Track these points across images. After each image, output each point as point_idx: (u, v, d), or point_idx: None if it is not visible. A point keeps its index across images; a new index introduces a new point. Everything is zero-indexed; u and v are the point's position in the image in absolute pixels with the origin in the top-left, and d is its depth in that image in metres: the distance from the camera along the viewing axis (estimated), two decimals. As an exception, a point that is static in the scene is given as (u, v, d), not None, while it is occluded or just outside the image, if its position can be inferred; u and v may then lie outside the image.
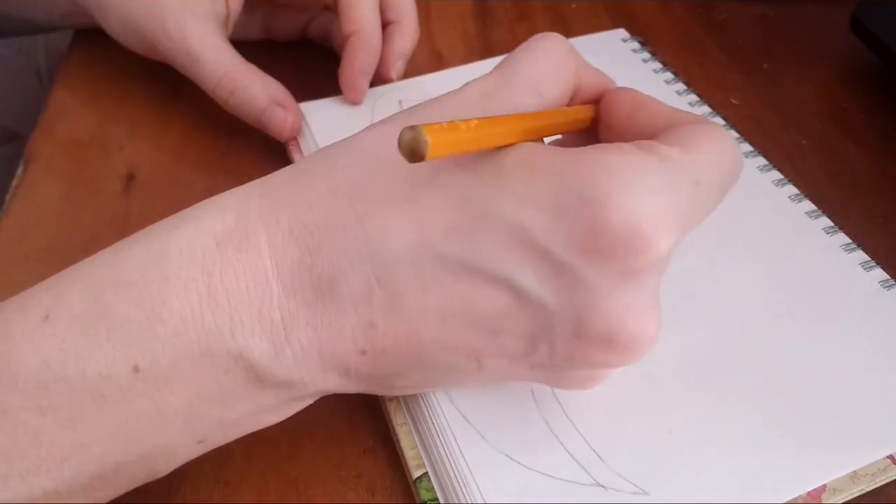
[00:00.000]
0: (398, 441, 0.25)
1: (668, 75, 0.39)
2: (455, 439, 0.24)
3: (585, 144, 0.22)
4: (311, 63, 0.42)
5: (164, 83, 0.40)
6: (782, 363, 0.26)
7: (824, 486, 0.24)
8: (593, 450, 0.24)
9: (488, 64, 0.31)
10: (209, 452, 0.26)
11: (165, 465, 0.22)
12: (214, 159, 0.37)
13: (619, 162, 0.20)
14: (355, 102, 0.37)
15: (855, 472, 0.24)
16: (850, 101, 0.41)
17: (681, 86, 0.39)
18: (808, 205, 0.32)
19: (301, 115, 0.37)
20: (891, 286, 0.29)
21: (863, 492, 0.24)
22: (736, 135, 0.36)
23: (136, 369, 0.19)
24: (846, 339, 0.27)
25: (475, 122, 0.19)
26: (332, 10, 0.38)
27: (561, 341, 0.21)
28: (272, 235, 0.20)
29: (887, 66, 0.39)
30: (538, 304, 0.20)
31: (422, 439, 0.25)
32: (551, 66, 0.24)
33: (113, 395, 0.19)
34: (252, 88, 0.35)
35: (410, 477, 0.25)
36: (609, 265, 0.19)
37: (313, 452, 0.26)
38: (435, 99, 0.23)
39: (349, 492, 0.25)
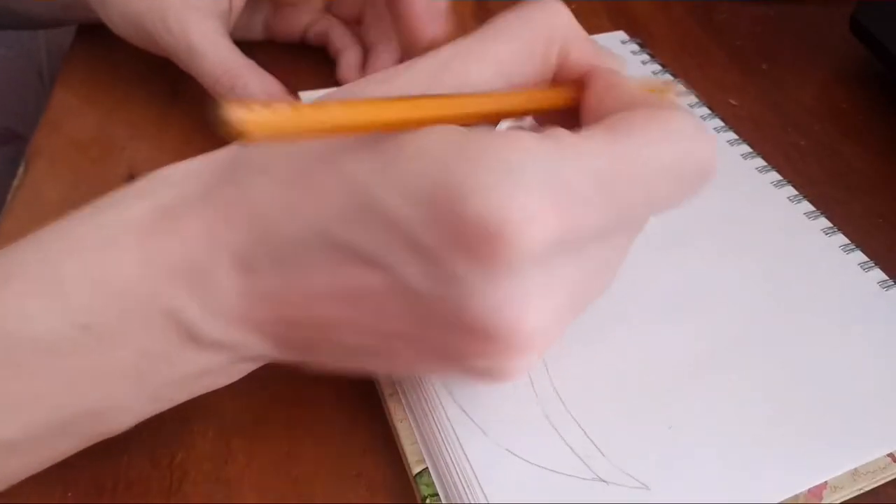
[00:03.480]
0: (398, 437, 0.25)
1: (667, 77, 0.39)
2: (455, 434, 0.24)
3: (567, 126, 0.20)
4: (310, 63, 0.42)
5: (165, 83, 0.40)
6: (782, 362, 0.27)
7: (825, 483, 0.24)
8: (594, 444, 0.24)
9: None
10: (209, 452, 0.26)
11: (121, 423, 0.23)
12: (215, 159, 0.37)
13: (496, 147, 0.18)
14: (433, 34, 0.33)
15: (856, 469, 0.24)
16: (849, 102, 0.41)
17: (680, 88, 0.39)
18: (806, 206, 0.32)
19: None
20: (889, 287, 0.29)
21: (863, 490, 0.24)
22: (735, 136, 0.36)
23: (82, 326, 0.21)
24: (845, 339, 0.27)
25: (308, 107, 0.17)
26: (332, 13, 0.38)
27: (447, 331, 0.20)
28: (203, 210, 0.22)
29: (886, 67, 0.40)
30: (417, 294, 0.20)
31: (422, 435, 0.25)
32: (521, 42, 0.23)
33: (62, 350, 0.21)
34: (251, 86, 0.35)
35: (410, 473, 0.25)
36: (476, 260, 0.18)
37: (313, 452, 0.26)
38: (389, 71, 0.23)
39: (349, 491, 0.25)
